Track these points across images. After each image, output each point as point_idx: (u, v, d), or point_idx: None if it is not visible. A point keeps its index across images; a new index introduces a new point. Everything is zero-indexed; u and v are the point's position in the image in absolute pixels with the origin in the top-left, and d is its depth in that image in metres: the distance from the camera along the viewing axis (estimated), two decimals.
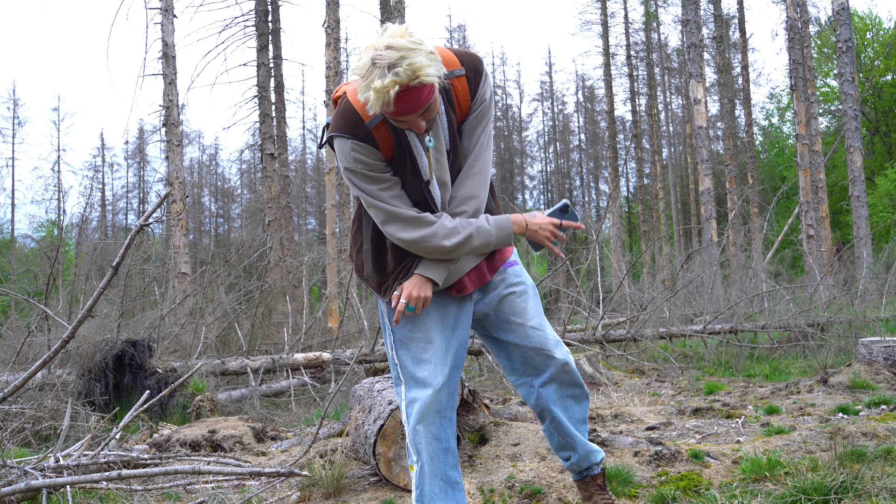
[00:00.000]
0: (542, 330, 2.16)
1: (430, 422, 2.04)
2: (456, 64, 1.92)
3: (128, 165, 39.66)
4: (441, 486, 2.06)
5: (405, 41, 1.69)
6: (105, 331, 6.46)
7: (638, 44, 29.82)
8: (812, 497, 2.59)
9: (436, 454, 2.05)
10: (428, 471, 2.06)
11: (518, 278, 2.18)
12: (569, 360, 2.21)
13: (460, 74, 1.92)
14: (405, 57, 1.66)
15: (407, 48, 1.67)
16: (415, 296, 1.95)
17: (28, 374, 2.89)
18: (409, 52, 1.67)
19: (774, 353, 8.42)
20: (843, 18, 15.32)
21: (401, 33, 1.72)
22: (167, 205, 11.78)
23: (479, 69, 1.93)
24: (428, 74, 1.68)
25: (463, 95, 1.94)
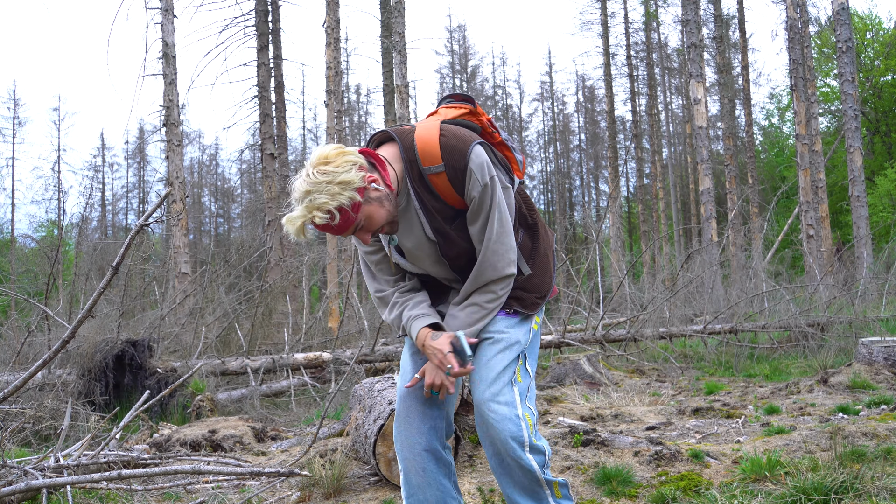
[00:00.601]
0: (482, 383, 1.98)
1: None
2: (436, 160, 1.90)
3: (128, 165, 39.69)
4: None
5: (317, 172, 1.77)
6: (105, 331, 6.45)
7: (638, 44, 29.83)
8: (812, 497, 2.59)
9: None
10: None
11: (498, 328, 2.05)
12: (501, 430, 1.94)
13: (438, 171, 1.91)
14: (309, 192, 1.77)
15: (314, 182, 1.77)
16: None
17: (28, 374, 2.89)
18: (313, 186, 1.77)
19: (774, 353, 8.42)
20: (843, 18, 15.32)
21: (323, 159, 1.79)
22: (167, 205, 11.78)
23: (459, 166, 1.89)
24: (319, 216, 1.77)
25: (444, 189, 1.93)
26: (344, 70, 30.49)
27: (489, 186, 1.91)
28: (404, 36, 11.67)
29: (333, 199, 1.76)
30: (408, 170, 1.93)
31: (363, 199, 1.82)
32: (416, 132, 1.94)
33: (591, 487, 3.06)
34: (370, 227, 1.88)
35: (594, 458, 3.41)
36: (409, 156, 1.92)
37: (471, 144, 1.91)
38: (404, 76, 11.51)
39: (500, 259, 1.95)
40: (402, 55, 11.50)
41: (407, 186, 1.94)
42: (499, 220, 1.93)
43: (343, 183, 1.77)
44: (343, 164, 1.79)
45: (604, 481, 3.06)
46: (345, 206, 1.78)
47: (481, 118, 2.10)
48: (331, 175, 1.77)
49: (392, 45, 11.84)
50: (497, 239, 1.93)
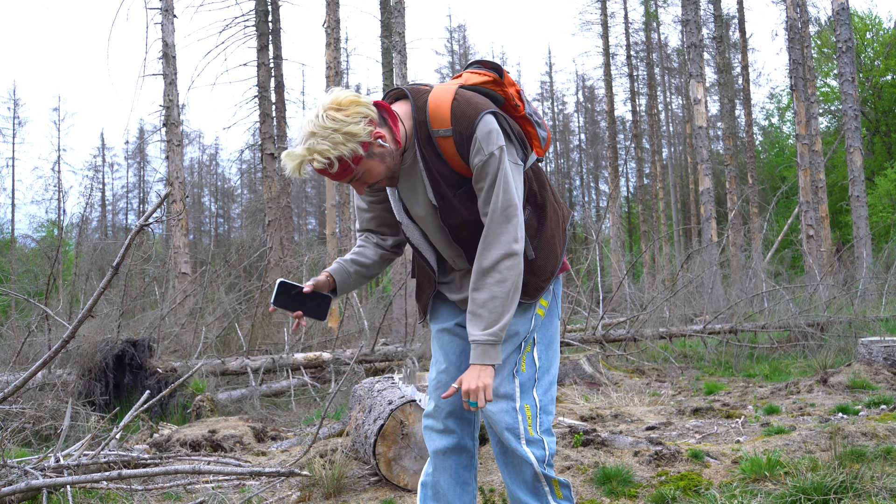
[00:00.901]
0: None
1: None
2: (445, 123, 1.88)
3: (128, 165, 39.70)
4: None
5: (327, 117, 1.77)
6: (105, 331, 6.46)
7: (638, 44, 29.83)
8: (812, 497, 2.59)
9: None
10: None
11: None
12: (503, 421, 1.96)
13: (446, 135, 1.88)
14: (314, 134, 1.77)
15: (322, 126, 1.77)
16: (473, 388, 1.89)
17: (28, 374, 2.89)
18: (320, 130, 1.77)
19: (774, 352, 8.42)
20: (843, 18, 15.32)
21: (336, 104, 1.79)
22: (167, 205, 11.78)
23: (466, 132, 1.86)
24: (318, 161, 1.78)
25: (451, 153, 1.90)
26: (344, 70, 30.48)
27: (495, 156, 1.85)
28: (404, 36, 11.68)
29: (335, 147, 1.77)
30: (417, 130, 1.91)
31: (365, 154, 1.82)
32: (431, 94, 1.92)
33: (591, 487, 3.07)
34: (367, 180, 1.89)
35: (594, 458, 3.41)
36: (420, 116, 1.90)
37: (482, 112, 1.87)
38: (404, 76, 11.51)
39: (505, 233, 1.86)
40: (402, 55, 11.51)
41: (414, 146, 1.92)
42: (504, 192, 1.86)
43: (348, 134, 1.78)
44: (353, 115, 1.78)
45: (604, 481, 3.07)
46: (345, 156, 1.79)
47: (507, 89, 2.04)
48: (339, 123, 1.77)
49: (392, 45, 11.84)
50: (502, 211, 1.85)
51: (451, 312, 2.13)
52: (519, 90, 2.08)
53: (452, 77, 2.10)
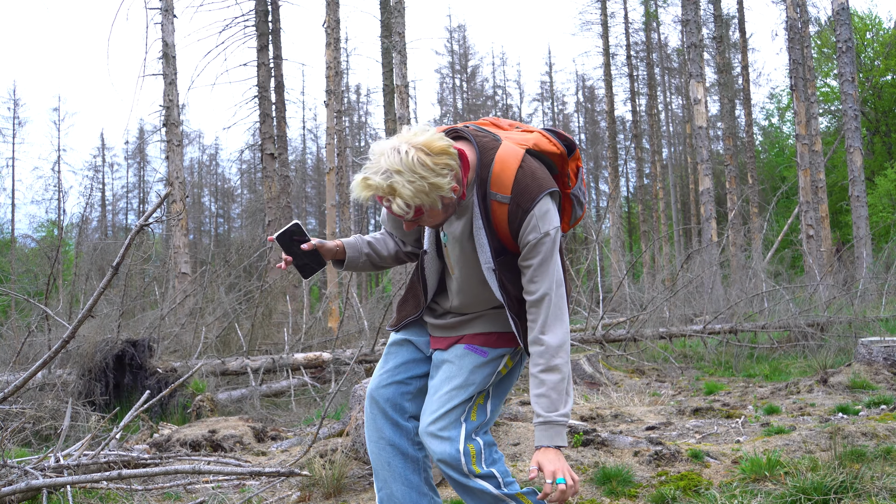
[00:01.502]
0: (426, 414, 1.98)
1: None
2: (505, 189, 1.85)
3: (128, 165, 39.70)
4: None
5: (416, 159, 1.71)
6: (105, 331, 6.45)
7: (638, 44, 29.83)
8: (812, 497, 2.59)
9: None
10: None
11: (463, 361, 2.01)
12: (440, 454, 1.93)
13: (502, 201, 1.86)
14: (400, 172, 1.71)
15: (409, 168, 1.70)
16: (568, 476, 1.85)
17: (28, 374, 2.89)
18: (406, 172, 1.70)
19: (774, 353, 8.43)
20: (843, 18, 15.32)
21: (428, 149, 1.73)
22: (167, 205, 11.79)
23: (525, 206, 1.83)
24: (398, 204, 1.73)
25: (501, 220, 1.88)
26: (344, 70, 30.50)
27: (550, 237, 1.85)
28: (404, 36, 11.68)
29: (417, 196, 1.72)
30: (477, 184, 1.88)
31: (440, 206, 1.80)
32: (499, 153, 1.86)
33: (591, 487, 3.07)
34: (423, 223, 1.86)
35: (594, 457, 3.41)
36: (483, 173, 1.86)
37: (544, 191, 1.84)
38: (404, 76, 11.51)
39: (561, 317, 1.87)
40: (402, 55, 11.51)
41: (472, 197, 1.89)
42: (556, 274, 1.86)
43: (434, 186, 1.72)
44: (442, 167, 1.73)
45: (604, 481, 3.07)
46: (424, 206, 1.76)
47: (566, 164, 2.01)
48: (427, 171, 1.71)
49: (392, 45, 11.84)
50: (556, 291, 1.86)
51: (418, 329, 2.15)
52: (579, 167, 2.07)
53: (524, 129, 2.04)
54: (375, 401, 2.08)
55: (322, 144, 36.21)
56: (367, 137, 38.01)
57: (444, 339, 2.07)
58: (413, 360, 2.12)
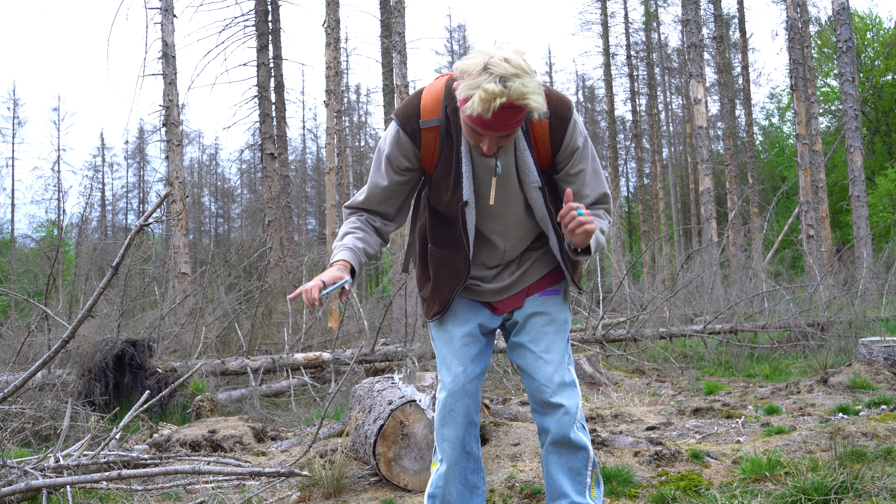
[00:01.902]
0: (550, 365, 2.02)
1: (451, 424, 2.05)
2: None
3: (128, 165, 39.69)
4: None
5: (522, 61, 1.68)
6: (105, 331, 6.45)
7: (638, 44, 29.83)
8: (812, 497, 2.59)
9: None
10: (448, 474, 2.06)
11: (547, 308, 2.08)
12: (569, 408, 2.00)
13: (543, 117, 1.88)
14: (520, 76, 1.66)
15: (523, 69, 1.67)
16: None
17: (28, 374, 2.89)
18: (524, 73, 1.67)
19: (774, 353, 8.42)
20: (843, 18, 15.32)
21: (519, 52, 1.71)
22: (167, 205, 11.78)
23: (565, 116, 1.88)
24: (535, 101, 1.68)
25: (542, 139, 1.90)
26: (344, 70, 30.50)
27: (588, 141, 1.94)
28: (404, 36, 11.67)
29: (540, 94, 1.69)
30: None
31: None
32: None
33: None
34: (509, 139, 1.80)
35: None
36: None
37: (573, 106, 1.92)
38: (404, 76, 11.51)
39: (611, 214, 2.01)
40: (402, 55, 11.50)
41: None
42: (601, 170, 1.97)
43: (539, 85, 1.70)
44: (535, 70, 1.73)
45: (604, 481, 3.06)
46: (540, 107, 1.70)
47: None
48: (535, 73, 1.71)
49: (392, 45, 11.84)
50: (609, 194, 2.00)
51: (470, 311, 2.09)
52: None
53: None
54: (462, 397, 2.04)
55: (322, 144, 36.22)
56: (367, 137, 38.02)
57: (513, 299, 2.08)
58: (484, 347, 2.10)
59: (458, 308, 2.10)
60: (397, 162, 1.98)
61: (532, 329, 2.05)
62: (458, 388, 2.03)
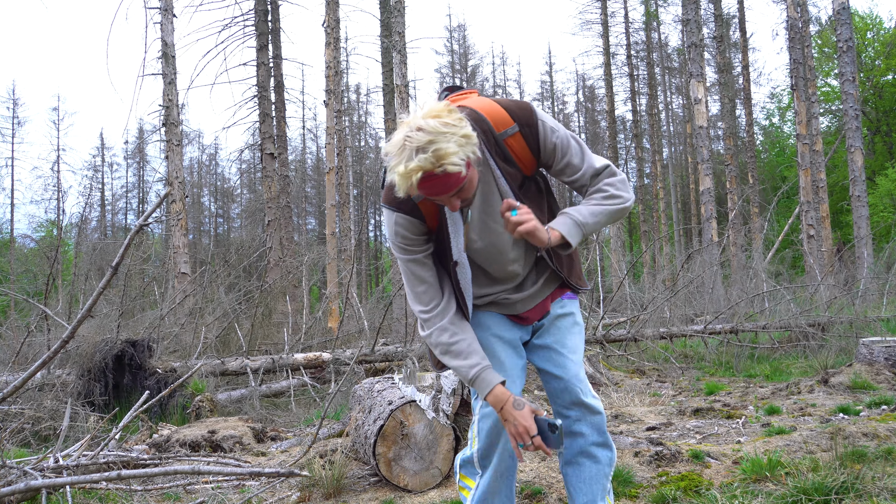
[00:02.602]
0: (577, 365, 2.04)
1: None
2: (508, 122, 1.87)
3: (127, 165, 39.68)
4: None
5: (437, 123, 1.66)
6: (105, 331, 6.45)
7: (638, 43, 29.82)
8: (813, 497, 2.58)
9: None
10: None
11: (570, 309, 2.11)
12: (600, 408, 2.04)
13: (514, 132, 1.88)
14: (433, 142, 1.63)
15: (437, 132, 1.64)
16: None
17: (28, 375, 2.88)
18: (438, 136, 1.64)
19: (775, 353, 8.41)
20: (844, 18, 15.31)
21: (436, 112, 1.69)
22: (167, 205, 11.77)
23: (531, 122, 1.88)
24: (453, 163, 1.65)
25: (521, 151, 1.90)
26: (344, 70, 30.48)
27: (566, 131, 1.94)
28: (404, 36, 11.67)
29: (462, 148, 1.66)
30: (483, 139, 1.87)
31: (474, 160, 1.74)
32: (472, 105, 1.90)
33: None
34: (465, 193, 1.78)
35: None
36: (482, 125, 1.86)
37: (530, 103, 1.92)
38: (404, 76, 11.51)
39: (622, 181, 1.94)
40: (402, 55, 11.50)
41: (485, 155, 1.89)
42: (587, 149, 1.95)
43: (466, 136, 1.69)
44: (458, 120, 1.69)
45: None
46: (470, 159, 1.70)
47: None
48: (453, 128, 1.67)
49: (392, 44, 11.84)
50: (607, 166, 1.95)
51: (504, 323, 2.05)
52: None
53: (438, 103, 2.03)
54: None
55: (322, 144, 36.22)
56: (367, 137, 38.02)
57: (540, 306, 2.07)
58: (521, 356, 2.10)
59: (488, 318, 2.05)
60: (413, 240, 1.93)
61: (558, 331, 2.07)
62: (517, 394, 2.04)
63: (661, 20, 30.12)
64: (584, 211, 1.90)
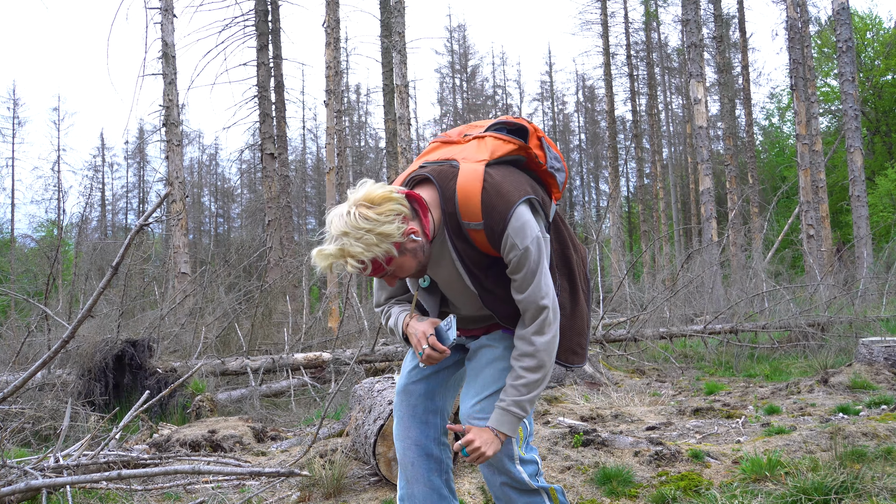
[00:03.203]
0: (473, 398, 1.98)
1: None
2: (476, 217, 1.84)
3: (128, 165, 39.69)
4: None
5: (359, 215, 1.72)
6: (105, 331, 6.45)
7: (638, 43, 29.83)
8: (812, 497, 2.58)
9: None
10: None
11: (498, 341, 2.03)
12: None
13: (477, 228, 1.85)
14: (345, 234, 1.71)
15: (354, 226, 1.71)
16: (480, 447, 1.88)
17: (28, 374, 2.88)
18: (353, 230, 1.71)
19: (775, 353, 8.42)
20: (843, 18, 15.32)
21: (369, 200, 1.74)
22: (167, 205, 11.78)
23: (498, 228, 1.82)
24: (353, 264, 1.72)
25: (482, 243, 1.88)
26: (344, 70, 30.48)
27: (530, 251, 1.83)
28: (404, 36, 11.68)
29: (369, 250, 1.72)
30: (446, 220, 1.87)
31: (398, 252, 1.78)
32: (459, 181, 1.85)
33: (592, 487, 3.06)
34: (399, 275, 1.86)
35: (594, 458, 3.41)
36: (449, 207, 1.86)
37: (513, 206, 1.82)
38: (404, 76, 11.51)
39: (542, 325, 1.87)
40: (402, 55, 11.50)
41: (444, 233, 1.89)
42: (541, 286, 1.85)
43: (381, 235, 1.72)
44: (386, 213, 1.73)
45: (604, 481, 3.06)
46: (379, 258, 1.75)
47: (530, 150, 2.00)
48: (371, 223, 1.72)
49: (392, 44, 11.84)
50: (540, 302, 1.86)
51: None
52: (541, 137, 2.05)
53: (474, 137, 2.01)
54: (406, 397, 2.09)
55: (322, 144, 36.22)
56: (367, 137, 38.02)
57: (480, 329, 2.06)
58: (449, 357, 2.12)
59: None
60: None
61: (476, 357, 2.04)
62: (402, 386, 2.11)
63: (660, 20, 30.13)
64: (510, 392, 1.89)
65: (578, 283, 2.04)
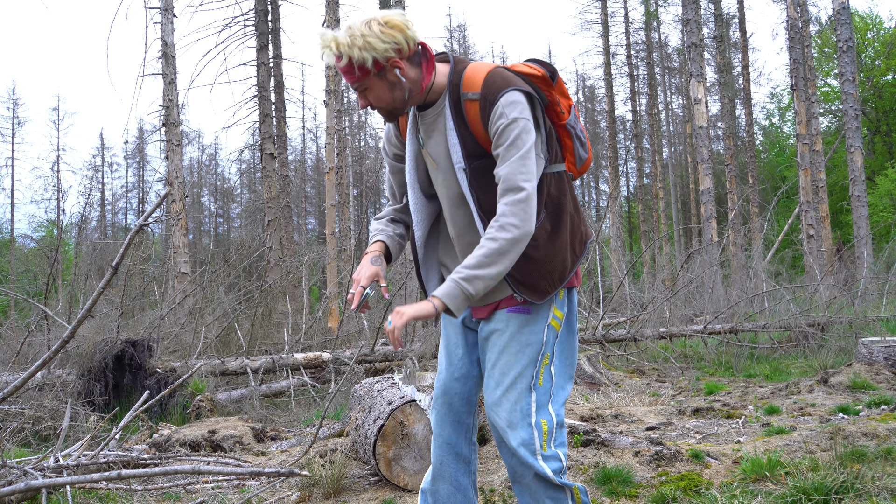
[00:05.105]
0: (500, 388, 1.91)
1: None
2: (475, 87, 1.89)
3: (127, 165, 39.68)
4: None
5: (364, 23, 1.82)
6: (105, 331, 6.45)
7: (638, 43, 29.82)
8: (812, 497, 2.58)
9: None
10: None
11: (510, 325, 1.94)
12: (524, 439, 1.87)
13: (473, 98, 1.89)
14: (347, 28, 1.83)
15: (357, 27, 1.82)
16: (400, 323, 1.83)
17: (28, 374, 2.88)
18: (349, 28, 1.83)
19: (775, 353, 8.42)
20: (844, 18, 15.31)
21: (382, 20, 1.83)
22: (167, 204, 11.77)
23: (491, 97, 1.84)
24: (333, 50, 1.83)
25: (475, 118, 1.90)
26: None
27: (518, 122, 1.81)
28: None
29: (351, 48, 1.82)
30: (449, 90, 1.93)
31: (376, 72, 1.84)
32: (472, 63, 1.96)
33: (592, 487, 3.06)
34: (368, 98, 1.92)
35: (594, 458, 3.41)
36: (455, 79, 1.93)
37: (513, 86, 1.85)
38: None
39: (516, 212, 1.79)
40: None
41: (444, 103, 1.94)
42: (522, 162, 1.80)
43: (368, 45, 1.81)
44: (386, 35, 1.82)
45: (604, 481, 3.06)
46: (354, 60, 1.82)
47: (552, 90, 1.97)
48: (369, 33, 1.81)
49: None
50: (515, 181, 1.80)
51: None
52: (571, 104, 2.04)
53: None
54: (446, 395, 2.08)
55: (322, 144, 36.20)
56: (367, 137, 38.01)
57: (483, 308, 2.00)
58: (474, 343, 2.08)
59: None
60: (387, 148, 2.16)
61: (487, 347, 1.98)
62: (444, 384, 2.09)
63: (661, 20, 30.11)
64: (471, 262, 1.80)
65: (564, 233, 1.94)
